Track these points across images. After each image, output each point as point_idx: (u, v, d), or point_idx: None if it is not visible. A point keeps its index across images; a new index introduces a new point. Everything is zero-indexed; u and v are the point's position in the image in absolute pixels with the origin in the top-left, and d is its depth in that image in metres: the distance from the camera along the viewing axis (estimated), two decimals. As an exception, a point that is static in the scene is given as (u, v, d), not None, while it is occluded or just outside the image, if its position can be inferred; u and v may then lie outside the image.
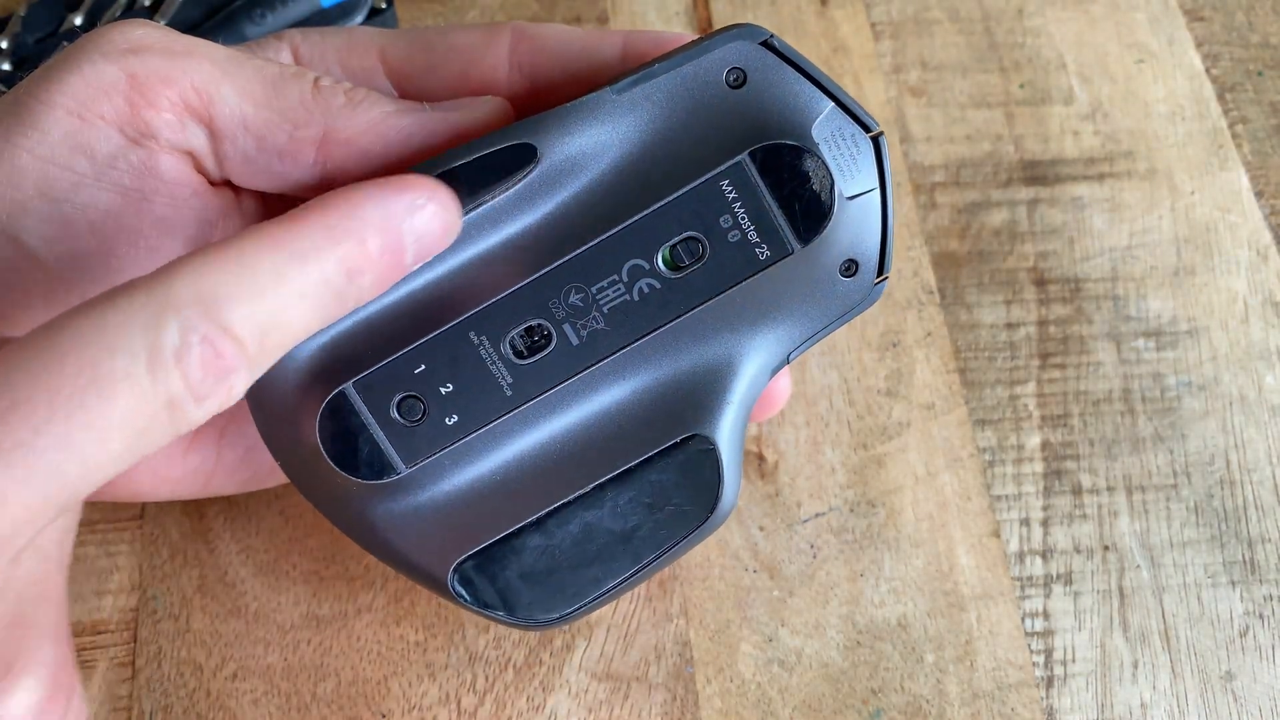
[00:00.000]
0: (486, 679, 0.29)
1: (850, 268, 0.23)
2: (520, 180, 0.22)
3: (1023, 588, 0.31)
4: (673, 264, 0.23)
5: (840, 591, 0.31)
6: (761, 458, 0.33)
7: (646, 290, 0.23)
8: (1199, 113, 0.39)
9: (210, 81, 0.22)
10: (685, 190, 0.22)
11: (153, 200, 0.22)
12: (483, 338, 0.23)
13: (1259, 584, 0.31)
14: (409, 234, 0.21)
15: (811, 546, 0.32)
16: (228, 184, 0.24)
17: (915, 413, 0.33)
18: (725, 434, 0.23)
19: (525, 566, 0.23)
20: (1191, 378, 0.34)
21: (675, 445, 0.23)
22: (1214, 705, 0.30)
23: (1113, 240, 0.37)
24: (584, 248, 0.23)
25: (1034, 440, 0.33)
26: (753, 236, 0.23)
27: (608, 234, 0.22)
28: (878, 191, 0.23)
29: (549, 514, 0.23)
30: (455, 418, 0.23)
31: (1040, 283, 0.36)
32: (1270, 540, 0.32)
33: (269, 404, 0.23)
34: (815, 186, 0.22)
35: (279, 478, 0.27)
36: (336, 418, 0.22)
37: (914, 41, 0.40)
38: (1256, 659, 0.30)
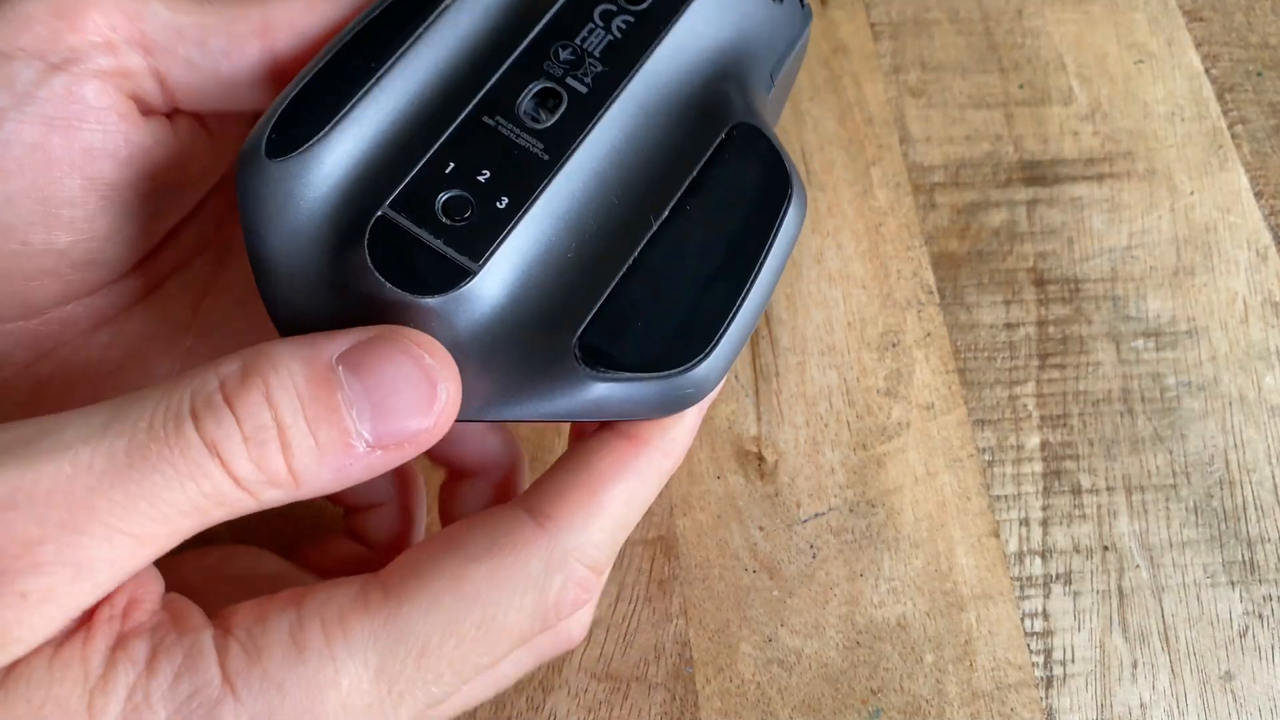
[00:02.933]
0: (486, 679, 0.29)
1: None
2: None
3: (1022, 588, 0.31)
4: None
5: (840, 591, 0.31)
6: (761, 458, 0.33)
7: (624, 26, 0.23)
8: (1198, 113, 0.39)
9: None
10: None
11: (80, 128, 0.22)
12: (497, 118, 0.22)
13: (1258, 584, 0.31)
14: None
15: (811, 546, 0.32)
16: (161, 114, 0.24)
17: (915, 413, 0.33)
18: (761, 120, 0.24)
19: (647, 316, 0.21)
20: (1191, 378, 0.34)
21: (723, 141, 0.23)
22: (1213, 705, 0.30)
23: (1112, 240, 0.37)
24: (554, 8, 0.23)
25: (1033, 440, 0.33)
26: None
27: None
28: None
29: (639, 259, 0.22)
30: (504, 199, 0.21)
31: (1040, 283, 0.36)
32: (1269, 540, 0.32)
33: (294, 279, 0.21)
34: None
35: None
36: (387, 244, 0.20)
37: (913, 42, 0.40)
38: (1256, 659, 0.30)
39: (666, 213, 0.22)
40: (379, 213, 0.21)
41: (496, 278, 0.21)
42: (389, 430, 0.18)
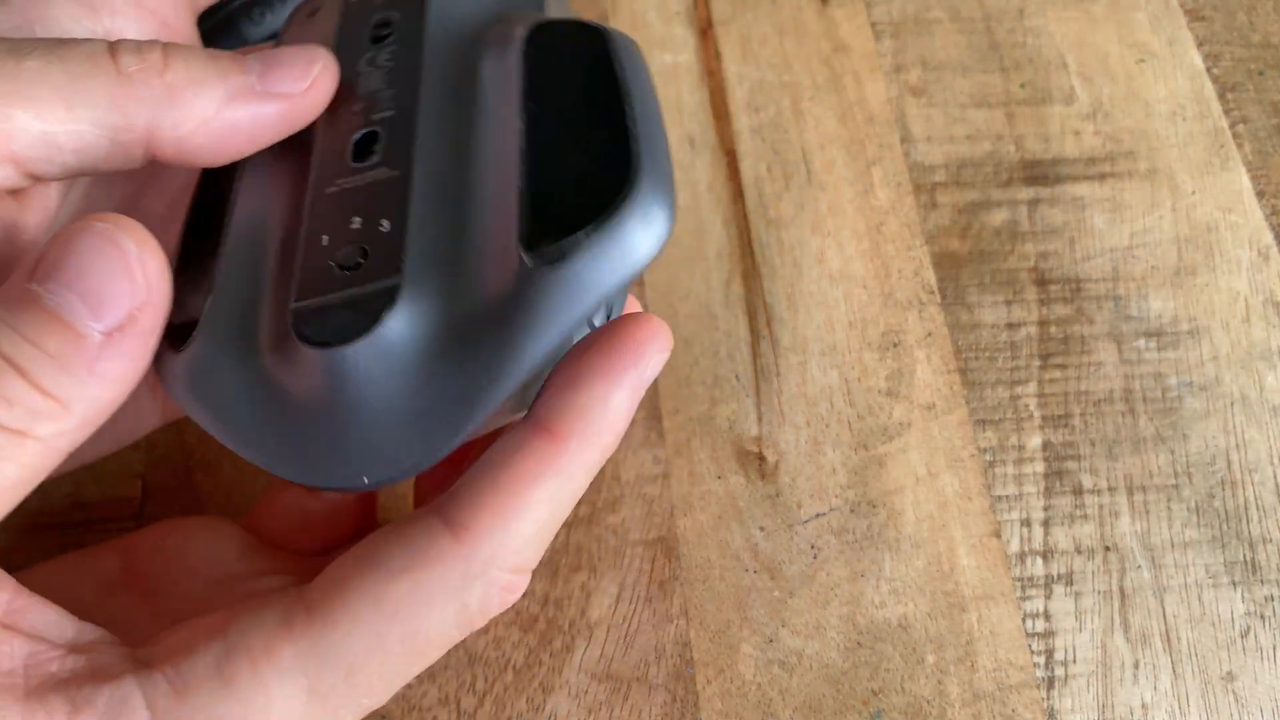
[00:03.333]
0: (486, 680, 0.29)
1: None
2: None
3: (1024, 588, 0.31)
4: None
5: (841, 592, 0.31)
6: (762, 458, 0.33)
7: (389, 56, 0.24)
8: (1200, 112, 0.39)
9: None
10: None
11: None
12: (336, 182, 0.22)
13: (1260, 584, 0.31)
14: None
15: (812, 547, 0.31)
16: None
17: (916, 413, 0.33)
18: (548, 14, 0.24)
19: (564, 195, 0.21)
20: (1193, 378, 0.34)
21: (525, 50, 0.23)
22: (1215, 706, 0.30)
23: (1113, 240, 0.37)
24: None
25: (1035, 440, 0.33)
26: None
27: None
28: None
29: (527, 171, 0.21)
30: (384, 223, 0.21)
31: (1041, 283, 0.36)
32: (1272, 541, 0.32)
33: (264, 433, 0.21)
34: None
35: None
36: (314, 323, 0.20)
37: (914, 41, 0.40)
38: (1258, 660, 0.30)
39: (522, 126, 0.22)
40: (291, 308, 0.20)
41: (422, 270, 0.21)
42: (110, 311, 0.18)
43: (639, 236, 0.20)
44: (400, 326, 0.20)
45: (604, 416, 0.20)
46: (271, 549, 0.26)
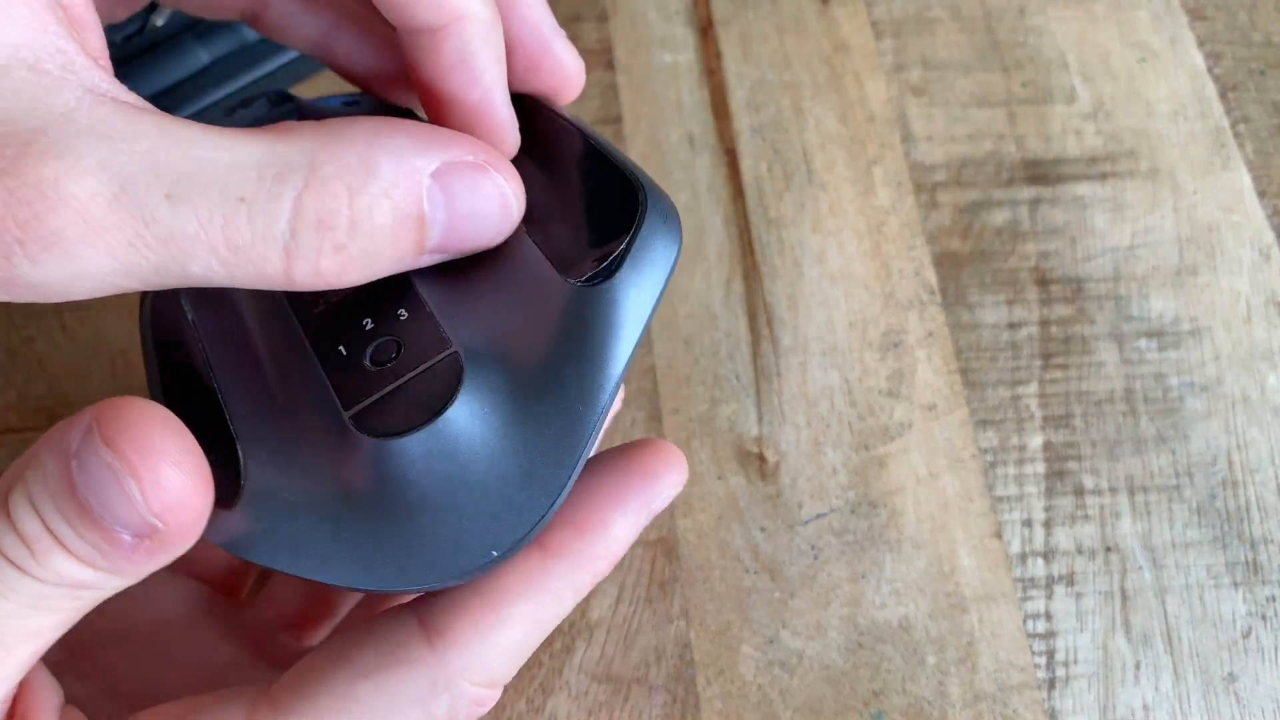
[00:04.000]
0: (486, 681, 0.29)
1: None
2: None
3: (1025, 589, 0.31)
4: None
5: (841, 593, 0.31)
6: (762, 458, 0.33)
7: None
8: (1201, 112, 0.39)
9: None
10: None
11: None
12: (323, 299, 0.21)
13: (1262, 585, 0.31)
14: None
15: (813, 548, 0.31)
16: None
17: (917, 413, 0.33)
18: None
19: (597, 238, 0.21)
20: (1194, 378, 0.34)
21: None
22: (1216, 707, 0.30)
23: (1115, 240, 0.36)
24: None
25: (1036, 441, 0.33)
26: None
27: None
28: None
29: (545, 208, 0.21)
30: (403, 313, 0.21)
31: (1042, 282, 0.36)
32: (1273, 541, 0.32)
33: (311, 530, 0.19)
34: None
35: None
36: (376, 420, 0.19)
37: (915, 40, 0.40)
38: (1259, 660, 0.30)
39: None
40: (348, 417, 0.19)
41: (467, 329, 0.20)
42: (129, 523, 0.16)
43: (664, 238, 0.20)
44: (477, 386, 0.19)
45: (603, 542, 0.20)
46: (229, 608, 0.25)
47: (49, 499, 0.16)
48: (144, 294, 0.23)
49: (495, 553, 0.19)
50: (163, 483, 0.16)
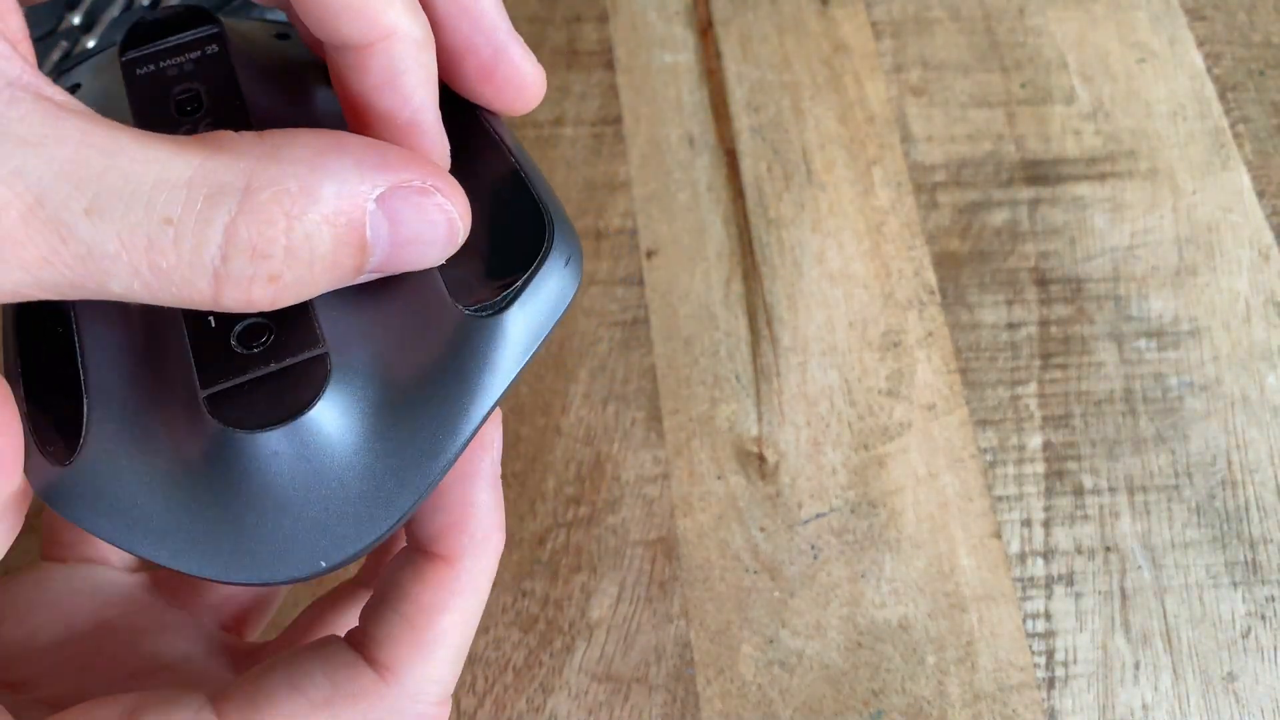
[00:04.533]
0: (486, 680, 0.29)
1: None
2: None
3: (1024, 589, 0.31)
4: None
5: (841, 593, 0.31)
6: (762, 458, 0.33)
7: (205, 115, 0.22)
8: (1200, 112, 0.39)
9: None
10: None
11: None
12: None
13: (1261, 585, 0.31)
14: None
15: (812, 547, 0.31)
16: None
17: (916, 413, 0.33)
18: None
19: (498, 267, 0.21)
20: (1193, 378, 0.34)
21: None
22: (1216, 706, 0.30)
23: (1114, 240, 0.36)
24: None
25: (1035, 441, 0.33)
26: None
27: None
28: None
29: None
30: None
31: (1041, 283, 0.36)
32: (1272, 541, 0.32)
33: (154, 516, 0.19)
34: None
35: None
36: (233, 406, 0.18)
37: (915, 41, 0.40)
38: (1258, 660, 0.30)
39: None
40: (202, 397, 0.18)
41: (341, 336, 0.19)
42: None
43: (563, 278, 0.20)
44: (341, 394, 0.19)
45: (479, 518, 0.20)
46: (163, 603, 0.25)
47: None
48: None
49: (324, 564, 0.18)
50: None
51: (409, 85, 0.19)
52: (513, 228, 0.20)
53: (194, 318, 0.19)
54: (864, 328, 0.35)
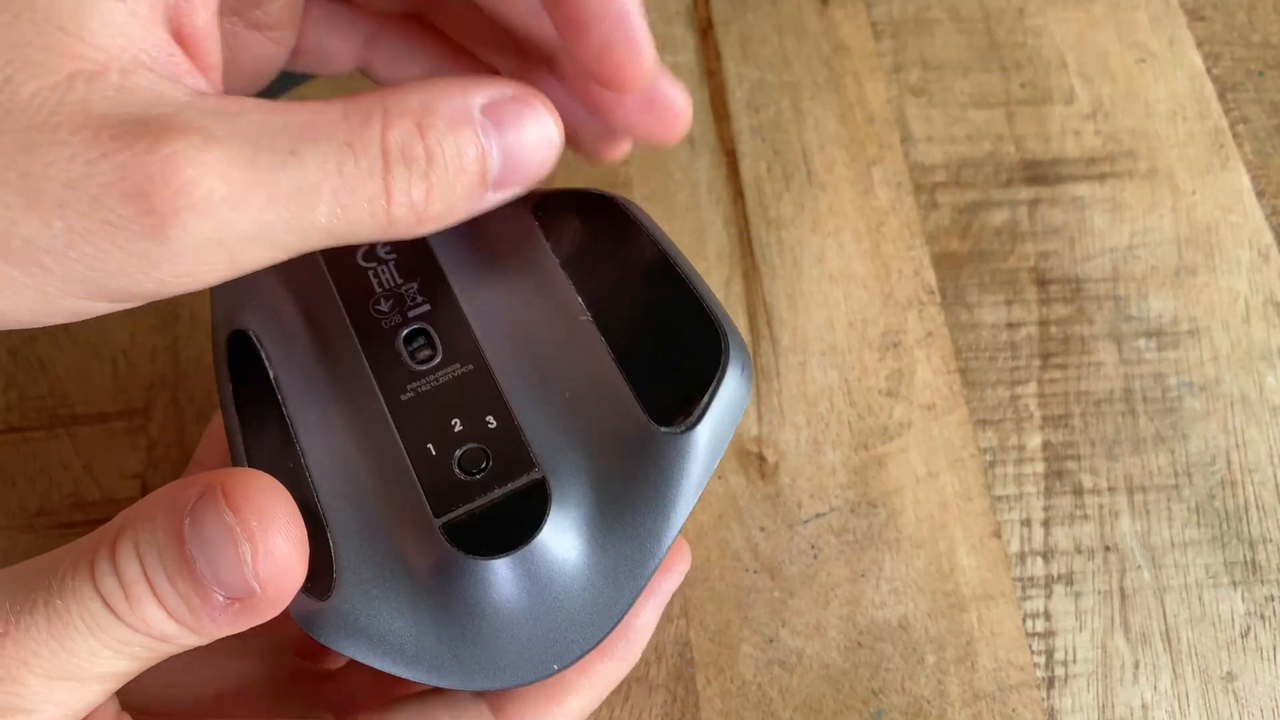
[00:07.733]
0: (486, 680, 0.29)
1: None
2: None
3: (1024, 588, 0.31)
4: None
5: (841, 592, 0.31)
6: (762, 458, 0.33)
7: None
8: (1200, 112, 0.39)
9: None
10: None
11: None
12: (407, 388, 0.22)
13: (1260, 584, 0.31)
14: None
15: (812, 547, 0.31)
16: None
17: (916, 413, 0.33)
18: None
19: (684, 382, 0.22)
20: (1193, 378, 0.34)
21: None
22: (1215, 706, 0.30)
23: (1114, 240, 0.37)
24: (335, 289, 0.25)
25: (1035, 440, 0.33)
26: None
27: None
28: None
29: (630, 344, 0.23)
30: (490, 419, 0.22)
31: (1041, 283, 0.36)
32: (1272, 541, 0.32)
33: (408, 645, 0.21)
34: None
35: None
36: (467, 534, 0.20)
37: (914, 41, 0.40)
38: (1258, 660, 0.30)
39: (581, 303, 0.23)
40: (438, 526, 0.21)
41: (552, 458, 0.21)
42: (230, 584, 0.18)
43: (741, 388, 0.22)
44: (561, 515, 0.21)
45: (635, 632, 0.23)
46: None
47: (155, 549, 0.17)
48: (216, 332, 0.24)
49: (556, 666, 0.21)
50: (274, 552, 0.18)
51: None
52: (690, 341, 0.22)
53: (415, 446, 0.22)
54: (864, 327, 0.35)
